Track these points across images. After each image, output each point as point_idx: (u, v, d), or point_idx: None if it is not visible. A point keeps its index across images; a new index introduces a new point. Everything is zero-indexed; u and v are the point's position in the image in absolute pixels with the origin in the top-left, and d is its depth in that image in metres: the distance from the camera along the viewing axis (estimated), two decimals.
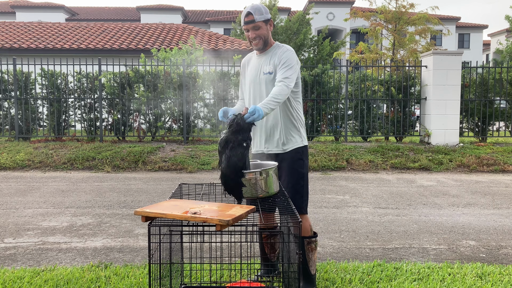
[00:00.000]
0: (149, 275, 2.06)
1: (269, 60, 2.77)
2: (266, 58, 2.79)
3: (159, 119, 9.92)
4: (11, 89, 10.01)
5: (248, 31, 2.73)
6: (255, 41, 2.74)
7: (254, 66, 2.84)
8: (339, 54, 17.76)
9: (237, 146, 2.33)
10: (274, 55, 2.76)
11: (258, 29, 2.71)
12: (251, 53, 2.96)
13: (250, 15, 2.69)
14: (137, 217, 4.65)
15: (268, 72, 2.74)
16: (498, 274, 3.10)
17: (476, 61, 12.52)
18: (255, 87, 2.80)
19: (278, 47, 2.80)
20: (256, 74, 2.80)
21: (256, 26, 2.70)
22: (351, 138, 10.50)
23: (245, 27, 2.73)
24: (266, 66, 2.76)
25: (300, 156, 2.80)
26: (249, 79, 2.84)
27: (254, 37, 2.72)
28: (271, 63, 2.75)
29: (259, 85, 2.78)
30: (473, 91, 10.19)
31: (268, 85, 2.74)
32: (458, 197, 5.81)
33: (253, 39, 2.74)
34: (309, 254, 2.78)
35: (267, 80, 2.75)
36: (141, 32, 17.55)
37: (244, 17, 2.71)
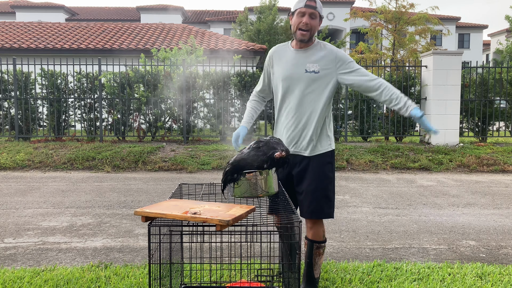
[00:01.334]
0: (149, 275, 2.06)
1: (313, 57, 2.57)
2: (308, 55, 2.58)
3: (159, 119, 9.93)
4: (11, 89, 10.01)
5: (304, 16, 2.50)
6: (305, 30, 2.51)
7: (292, 61, 2.60)
8: None
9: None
10: (320, 54, 2.58)
11: (314, 17, 2.51)
12: (283, 45, 2.70)
13: (313, 1, 2.49)
14: (137, 217, 4.65)
15: (313, 71, 2.55)
16: (498, 274, 3.10)
17: (476, 61, 12.52)
18: (292, 83, 2.59)
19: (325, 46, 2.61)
20: (296, 70, 2.58)
21: (314, 14, 2.50)
22: (351, 138, 10.50)
23: (303, 10, 2.49)
24: (310, 64, 2.56)
25: (329, 160, 2.67)
26: (285, 74, 2.60)
27: (307, 24, 2.49)
28: (316, 62, 2.56)
29: (298, 81, 2.58)
30: (473, 91, 10.19)
31: (310, 83, 2.56)
32: (458, 197, 5.81)
33: (305, 25, 2.49)
34: (315, 258, 2.74)
35: (310, 79, 2.56)
36: (141, 32, 17.56)
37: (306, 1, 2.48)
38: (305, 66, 2.56)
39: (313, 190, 2.59)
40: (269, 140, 2.45)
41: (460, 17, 35.28)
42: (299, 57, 2.59)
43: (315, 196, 2.59)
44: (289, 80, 2.59)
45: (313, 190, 2.59)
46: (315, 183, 2.60)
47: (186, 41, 15.26)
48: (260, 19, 22.00)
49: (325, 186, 2.62)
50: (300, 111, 2.60)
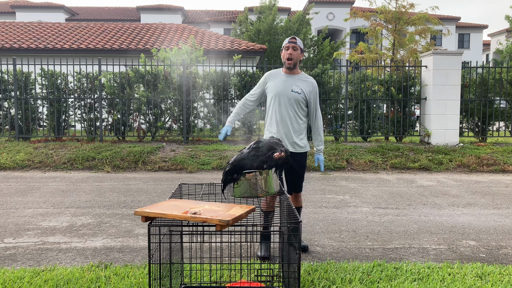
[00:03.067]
0: (149, 275, 2.06)
1: (298, 82, 3.53)
2: (294, 79, 3.54)
3: (159, 119, 9.93)
4: (11, 89, 10.01)
5: (288, 49, 3.49)
6: (290, 60, 3.48)
7: (282, 82, 3.54)
8: (339, 54, 17.76)
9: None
10: (303, 82, 3.54)
11: (296, 50, 3.49)
12: (277, 70, 3.67)
13: (294, 38, 3.52)
14: (137, 217, 4.65)
15: (297, 91, 3.49)
16: (498, 274, 3.10)
17: (476, 61, 12.52)
18: (282, 98, 3.51)
19: (307, 77, 3.58)
20: (284, 89, 3.51)
21: (296, 47, 3.49)
22: (351, 138, 10.50)
23: (287, 45, 3.49)
24: (295, 86, 3.51)
25: (306, 156, 3.70)
26: (277, 90, 3.52)
27: (291, 54, 3.47)
28: (299, 86, 3.51)
29: (287, 97, 3.51)
30: (473, 91, 10.19)
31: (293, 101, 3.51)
32: (458, 197, 5.81)
33: (288, 57, 3.48)
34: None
35: (295, 97, 3.51)
36: (141, 32, 17.56)
37: (289, 38, 3.52)
38: (291, 87, 3.51)
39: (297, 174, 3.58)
40: (269, 140, 2.45)
41: (460, 17, 35.28)
42: (286, 79, 3.55)
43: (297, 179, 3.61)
44: (280, 95, 3.52)
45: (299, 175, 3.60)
46: (299, 171, 3.58)
47: (186, 41, 15.25)
48: (260, 19, 22.00)
49: (303, 172, 3.64)
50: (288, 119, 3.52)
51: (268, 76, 3.67)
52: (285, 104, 3.51)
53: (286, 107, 3.51)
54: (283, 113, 3.51)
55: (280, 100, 3.51)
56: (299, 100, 3.50)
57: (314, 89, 3.57)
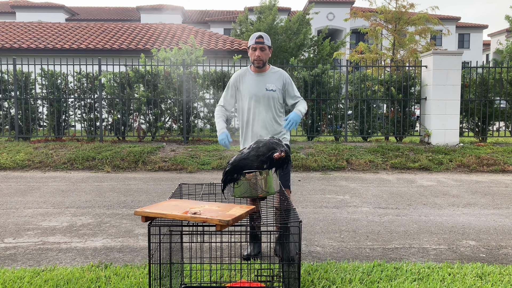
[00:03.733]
0: (149, 275, 2.06)
1: (270, 79, 3.42)
2: (265, 77, 3.43)
3: (159, 119, 9.93)
4: (11, 89, 10.01)
5: (256, 50, 3.34)
6: (258, 60, 3.35)
7: (253, 82, 3.41)
8: (339, 54, 17.77)
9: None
10: (274, 77, 3.44)
11: (264, 50, 3.35)
12: (244, 70, 3.52)
13: (261, 37, 3.34)
14: (137, 217, 4.65)
15: (271, 89, 3.39)
16: (498, 274, 3.10)
17: (476, 61, 12.52)
18: (258, 99, 3.39)
19: (276, 70, 3.48)
20: (258, 89, 3.39)
21: (263, 48, 3.34)
22: (351, 138, 10.50)
23: (254, 46, 3.33)
24: (269, 84, 3.40)
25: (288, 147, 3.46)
26: (250, 92, 3.40)
27: (259, 55, 3.33)
28: (273, 83, 3.41)
29: (261, 98, 3.39)
30: (473, 91, 10.19)
31: (271, 99, 3.40)
32: (458, 197, 5.81)
33: (257, 58, 3.34)
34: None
35: (271, 96, 3.40)
36: (141, 32, 17.55)
37: (256, 38, 3.33)
38: (265, 86, 3.39)
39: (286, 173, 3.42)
40: (269, 140, 2.45)
41: (460, 17, 35.27)
42: (257, 79, 3.43)
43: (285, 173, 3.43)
44: (255, 96, 3.39)
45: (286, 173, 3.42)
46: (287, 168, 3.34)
47: (186, 41, 15.25)
48: (260, 19, 21.99)
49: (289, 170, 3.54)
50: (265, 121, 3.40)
51: (237, 77, 3.53)
52: (261, 104, 3.39)
53: (264, 108, 3.39)
54: (261, 114, 3.39)
55: (255, 100, 3.40)
56: (275, 97, 3.41)
57: (286, 79, 3.46)
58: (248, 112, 3.44)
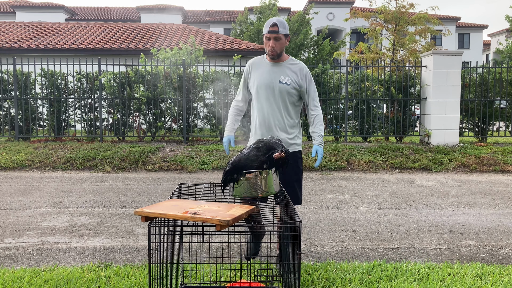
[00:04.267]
0: (149, 275, 2.06)
1: (286, 71, 3.04)
2: (281, 68, 3.04)
3: (159, 119, 9.93)
4: (11, 89, 10.01)
5: (270, 40, 2.96)
6: (272, 51, 2.97)
7: (266, 72, 3.05)
8: (339, 54, 17.76)
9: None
10: (292, 69, 3.05)
11: (278, 40, 2.95)
12: (260, 58, 3.14)
13: (276, 26, 2.93)
14: (137, 217, 4.65)
15: (285, 82, 3.01)
16: (498, 274, 3.10)
17: (476, 61, 12.52)
18: (267, 91, 3.03)
19: (295, 63, 3.08)
20: (270, 80, 3.02)
21: (278, 37, 2.95)
22: (351, 138, 10.50)
23: (268, 35, 2.96)
24: (283, 76, 3.02)
25: (300, 156, 3.17)
26: (261, 83, 3.04)
27: (273, 47, 2.95)
28: (288, 75, 3.02)
29: (273, 90, 3.02)
30: (473, 91, 10.19)
31: (283, 94, 3.02)
32: (458, 197, 5.81)
33: (271, 49, 2.97)
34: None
35: (283, 90, 3.01)
36: (141, 32, 17.55)
37: (269, 26, 2.94)
38: (279, 78, 3.02)
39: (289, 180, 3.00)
40: (269, 140, 2.45)
41: (460, 17, 35.27)
42: (271, 69, 3.06)
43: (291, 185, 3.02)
44: (265, 88, 3.03)
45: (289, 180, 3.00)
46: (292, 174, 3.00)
47: (186, 41, 15.25)
48: (260, 19, 21.99)
49: (298, 177, 3.09)
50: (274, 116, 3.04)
51: (250, 65, 3.15)
52: (272, 98, 3.02)
53: (274, 102, 3.02)
54: (270, 109, 3.02)
55: (265, 93, 3.02)
56: (289, 92, 3.01)
57: (306, 75, 3.06)
58: (257, 104, 3.08)
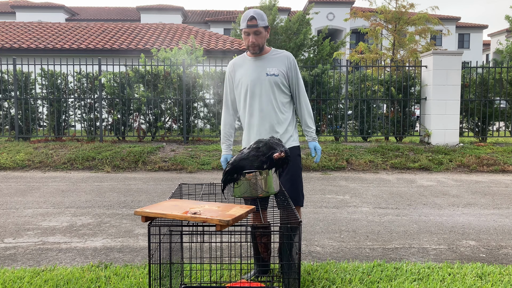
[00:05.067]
0: (149, 275, 2.06)
1: (271, 62, 2.87)
2: (265, 61, 2.88)
3: (159, 119, 9.93)
4: (11, 89, 10.01)
5: (249, 35, 2.79)
6: (253, 46, 2.82)
7: (251, 67, 2.90)
8: (339, 54, 17.77)
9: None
10: (277, 60, 2.89)
11: (258, 34, 2.79)
12: (240, 56, 3.01)
13: (254, 19, 2.75)
14: (137, 217, 4.65)
15: (273, 73, 2.84)
16: (498, 274, 3.10)
17: (476, 61, 12.52)
18: (256, 87, 2.86)
19: (278, 52, 2.92)
20: (257, 75, 2.86)
21: (258, 31, 2.78)
22: (351, 138, 10.50)
23: (247, 30, 2.78)
24: (269, 68, 2.86)
25: (298, 152, 2.99)
26: (248, 80, 2.88)
27: (254, 42, 2.79)
28: (275, 66, 2.86)
29: (261, 85, 2.86)
30: (473, 91, 10.19)
31: (273, 86, 2.86)
32: (458, 197, 5.81)
33: (252, 44, 2.81)
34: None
35: (272, 82, 2.85)
36: (141, 32, 17.55)
37: (247, 21, 2.76)
38: (265, 70, 2.86)
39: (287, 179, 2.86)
40: (269, 140, 2.45)
41: (460, 17, 35.27)
42: (256, 64, 2.90)
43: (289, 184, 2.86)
44: (253, 83, 2.87)
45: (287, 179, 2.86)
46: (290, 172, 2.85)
47: (186, 41, 15.25)
48: None
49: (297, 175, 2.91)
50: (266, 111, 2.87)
51: (232, 66, 3.00)
52: (261, 93, 2.85)
53: (264, 97, 2.86)
54: (261, 105, 2.86)
55: (254, 90, 2.86)
56: (278, 83, 2.85)
57: (292, 63, 2.90)
58: (245, 104, 2.92)
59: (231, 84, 3.01)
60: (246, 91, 2.89)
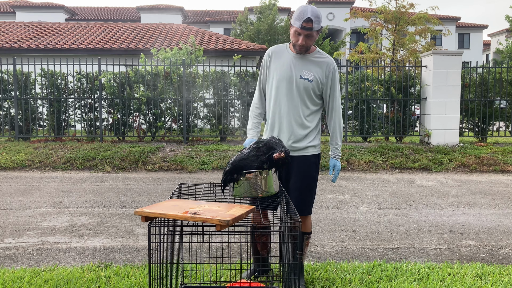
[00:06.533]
0: (149, 275, 2.06)
1: (310, 65, 2.70)
2: (305, 61, 2.71)
3: (159, 119, 9.93)
4: (11, 89, 10.01)
5: (300, 35, 2.60)
6: (300, 48, 2.66)
7: (287, 63, 2.72)
8: (339, 54, 17.77)
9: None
10: (316, 64, 2.71)
11: (310, 37, 2.61)
12: (282, 46, 2.82)
13: (310, 22, 2.54)
14: (137, 217, 4.65)
15: (307, 78, 2.68)
16: (498, 274, 3.10)
17: (476, 61, 12.52)
18: (287, 86, 2.71)
19: (322, 56, 2.75)
20: (290, 74, 2.70)
21: (310, 35, 2.60)
22: (351, 138, 10.50)
23: (299, 31, 2.59)
24: (305, 71, 2.69)
25: (315, 160, 2.84)
26: (280, 75, 2.72)
27: (303, 44, 2.63)
28: (311, 71, 2.69)
29: (292, 86, 2.70)
30: (473, 91, 10.19)
31: (303, 91, 2.69)
32: (458, 197, 5.81)
33: (300, 45, 2.64)
34: (304, 248, 2.95)
35: (304, 86, 2.69)
36: (141, 32, 17.55)
37: (303, 21, 2.54)
38: (300, 72, 2.69)
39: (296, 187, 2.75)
40: (269, 140, 2.45)
41: (460, 17, 35.28)
42: (294, 61, 2.72)
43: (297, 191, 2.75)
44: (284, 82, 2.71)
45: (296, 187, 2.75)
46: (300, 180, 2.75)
47: (186, 41, 15.25)
48: (260, 19, 22.00)
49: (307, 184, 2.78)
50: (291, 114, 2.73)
51: (271, 54, 2.81)
52: (290, 94, 2.69)
53: (292, 99, 2.69)
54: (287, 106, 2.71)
55: (284, 88, 2.70)
56: (309, 90, 2.68)
57: (332, 73, 2.71)
58: (270, 99, 2.79)
59: (265, 72, 2.84)
60: (275, 87, 2.74)
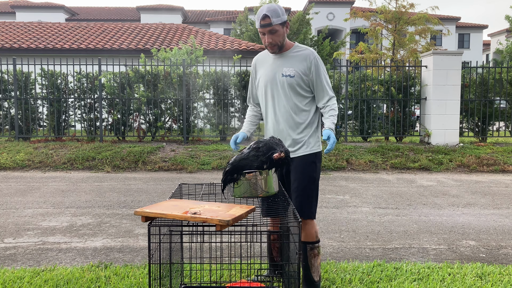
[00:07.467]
0: (149, 275, 2.06)
1: (290, 61, 2.66)
2: (285, 59, 2.67)
3: (159, 119, 9.93)
4: (11, 89, 10.01)
5: (264, 35, 2.58)
6: (271, 47, 2.62)
7: (270, 66, 2.71)
8: (339, 54, 17.76)
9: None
10: (297, 59, 2.66)
11: (274, 33, 2.56)
12: (265, 52, 2.80)
13: (267, 18, 2.52)
14: (137, 217, 4.65)
15: (288, 75, 2.63)
16: (498, 274, 3.10)
17: (476, 61, 12.52)
18: (272, 87, 2.69)
19: (300, 49, 2.68)
20: (273, 75, 2.68)
21: (273, 30, 2.55)
22: (351, 138, 10.50)
23: (261, 30, 2.57)
24: (285, 68, 2.65)
25: (313, 159, 2.71)
26: (265, 79, 2.71)
27: (270, 42, 2.59)
28: (293, 66, 2.64)
29: (276, 86, 2.68)
30: (473, 91, 10.19)
31: (287, 88, 2.64)
32: (458, 197, 5.81)
33: (268, 44, 2.61)
34: (311, 260, 2.69)
35: (287, 83, 2.64)
36: (141, 32, 17.55)
37: (260, 20, 2.54)
38: (281, 71, 2.66)
39: (294, 189, 2.66)
40: (269, 140, 2.45)
41: (460, 17, 35.27)
42: (275, 62, 2.70)
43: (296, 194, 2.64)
44: (269, 84, 2.70)
45: (293, 189, 2.66)
46: (298, 182, 2.65)
47: (186, 41, 15.25)
48: None
49: (305, 184, 2.65)
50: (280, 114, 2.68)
51: (255, 63, 2.84)
52: (276, 95, 2.68)
53: (278, 100, 2.68)
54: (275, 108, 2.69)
55: (270, 90, 2.70)
56: (294, 85, 2.63)
57: (313, 63, 2.63)
58: (262, 105, 2.81)
59: (253, 81, 2.85)
60: (263, 92, 2.74)
